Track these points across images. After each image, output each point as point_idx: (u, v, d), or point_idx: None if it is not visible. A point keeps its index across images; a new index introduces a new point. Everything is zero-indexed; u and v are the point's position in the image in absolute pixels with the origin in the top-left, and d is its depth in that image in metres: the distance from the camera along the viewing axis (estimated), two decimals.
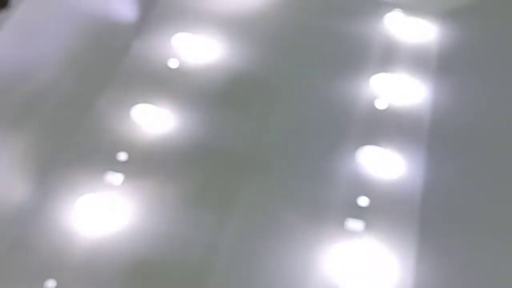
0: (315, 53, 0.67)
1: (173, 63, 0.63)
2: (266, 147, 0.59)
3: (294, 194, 0.54)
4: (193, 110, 0.61)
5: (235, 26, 0.69)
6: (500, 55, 0.58)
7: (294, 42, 0.69)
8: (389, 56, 0.58)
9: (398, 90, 0.58)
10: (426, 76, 0.63)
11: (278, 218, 0.50)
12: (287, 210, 0.50)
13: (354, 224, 0.49)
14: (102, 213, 0.50)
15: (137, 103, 0.62)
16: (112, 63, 0.64)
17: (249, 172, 0.52)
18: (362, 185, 0.55)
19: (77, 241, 0.48)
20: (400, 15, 0.69)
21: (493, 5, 0.64)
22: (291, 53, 0.56)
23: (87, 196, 0.51)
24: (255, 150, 0.55)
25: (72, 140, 0.56)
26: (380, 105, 0.62)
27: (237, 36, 0.69)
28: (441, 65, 0.64)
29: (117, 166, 0.52)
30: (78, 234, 0.48)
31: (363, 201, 0.53)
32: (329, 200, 0.53)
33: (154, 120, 0.62)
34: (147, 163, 0.54)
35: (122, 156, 0.54)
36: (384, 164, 0.58)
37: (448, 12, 0.70)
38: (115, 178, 0.52)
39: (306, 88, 0.65)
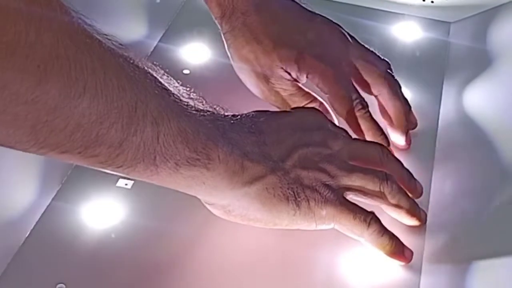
0: None
1: (186, 71, 0.63)
2: None
3: None
4: None
5: None
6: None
7: None
8: (399, 66, 0.58)
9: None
10: (435, 85, 0.63)
11: None
12: None
13: None
14: (112, 215, 0.50)
15: None
16: None
17: None
18: None
19: (86, 243, 0.48)
20: (410, 24, 0.69)
21: (503, 13, 0.65)
22: None
23: (97, 197, 0.51)
24: None
25: None
26: None
27: None
28: (450, 74, 0.64)
29: None
30: (87, 235, 0.48)
31: None
32: None
33: None
34: None
35: None
36: None
37: (458, 21, 0.70)
38: (126, 181, 0.52)
39: None
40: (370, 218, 0.44)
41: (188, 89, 0.42)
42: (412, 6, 0.70)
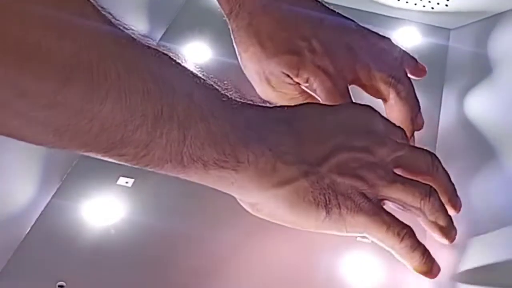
0: None
1: None
2: None
3: None
4: None
5: None
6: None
7: None
8: None
9: None
10: (435, 90, 0.64)
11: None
12: None
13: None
14: (112, 213, 0.50)
15: None
16: None
17: None
18: None
19: (86, 240, 0.48)
20: (411, 30, 0.70)
21: (503, 21, 0.65)
22: None
23: (97, 194, 0.51)
24: None
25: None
26: None
27: None
28: (450, 80, 0.65)
29: (129, 168, 0.52)
30: (87, 232, 0.48)
31: None
32: None
33: None
34: None
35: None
36: None
37: (458, 27, 0.71)
38: (127, 179, 0.52)
39: None
40: (404, 233, 0.42)
41: (220, 82, 0.41)
42: (412, 12, 0.71)
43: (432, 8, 0.70)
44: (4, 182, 0.48)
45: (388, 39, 0.57)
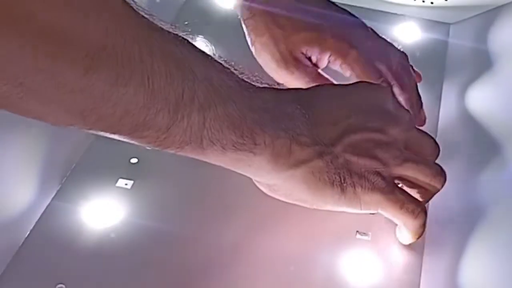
0: None
1: None
2: None
3: None
4: None
5: None
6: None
7: None
8: None
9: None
10: (435, 86, 0.63)
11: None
12: None
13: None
14: (112, 215, 0.50)
15: None
16: None
17: None
18: None
19: (85, 243, 0.48)
20: (410, 25, 0.69)
21: (502, 14, 0.65)
22: None
23: (97, 197, 0.51)
24: None
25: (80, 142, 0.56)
26: None
27: None
28: (450, 75, 0.64)
29: (128, 170, 0.52)
30: (86, 235, 0.48)
31: None
32: None
33: None
34: (158, 165, 0.55)
35: (134, 160, 0.55)
36: None
37: (458, 22, 0.70)
38: (126, 181, 0.52)
39: None
40: (419, 211, 0.44)
41: (236, 66, 0.41)
42: (412, 7, 0.71)
43: (432, 3, 0.69)
44: (4, 185, 0.48)
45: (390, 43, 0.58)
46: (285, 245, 0.49)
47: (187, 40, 0.37)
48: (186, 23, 0.37)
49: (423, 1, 0.69)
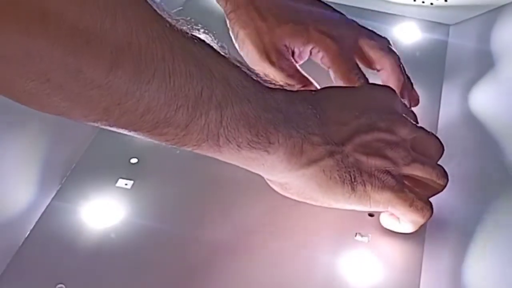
0: None
1: None
2: None
3: None
4: None
5: None
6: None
7: None
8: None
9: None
10: (435, 86, 0.63)
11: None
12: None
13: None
14: (112, 215, 0.50)
15: None
16: None
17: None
18: None
19: (85, 243, 0.48)
20: (410, 25, 0.70)
21: (502, 15, 0.65)
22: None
23: (97, 197, 0.51)
24: None
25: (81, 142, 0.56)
26: None
27: None
28: (449, 76, 0.64)
29: (128, 170, 0.52)
30: (86, 235, 0.48)
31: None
32: None
33: None
34: (158, 165, 0.55)
35: (134, 160, 0.55)
36: None
37: (457, 23, 0.70)
38: (126, 181, 0.52)
39: None
40: (427, 209, 0.45)
41: (251, 69, 0.42)
42: (411, 7, 0.71)
43: (431, 3, 0.69)
44: (4, 185, 0.48)
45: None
46: (284, 246, 0.49)
47: (204, 41, 0.38)
48: (189, 18, 0.37)
49: (423, 2, 0.70)
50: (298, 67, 0.55)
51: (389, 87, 0.50)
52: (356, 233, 0.49)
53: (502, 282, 0.41)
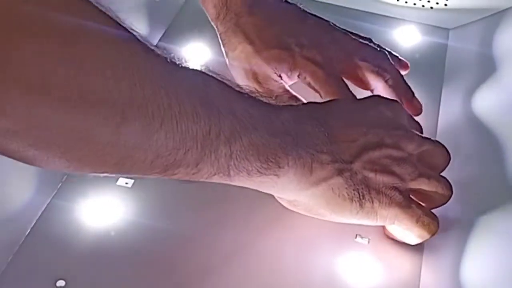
0: None
1: None
2: None
3: None
4: None
5: None
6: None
7: None
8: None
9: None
10: (434, 90, 0.64)
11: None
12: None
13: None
14: (112, 213, 0.50)
15: None
16: None
17: None
18: None
19: (86, 241, 0.48)
20: (410, 29, 0.70)
21: (502, 20, 0.65)
22: None
23: (97, 195, 0.51)
24: None
25: None
26: None
27: None
28: (449, 80, 0.65)
29: None
30: (87, 233, 0.48)
31: None
32: None
33: None
34: None
35: None
36: None
37: (457, 27, 0.71)
38: (127, 180, 0.52)
39: None
40: (434, 225, 0.46)
41: (252, 91, 0.42)
42: (411, 11, 0.71)
43: (431, 7, 0.70)
44: (4, 183, 0.48)
45: (369, 38, 0.59)
46: (285, 248, 0.49)
47: (207, 74, 0.38)
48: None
49: (423, 6, 0.70)
50: (287, 87, 0.55)
51: (395, 101, 0.50)
52: (356, 235, 0.50)
53: (502, 282, 0.41)
